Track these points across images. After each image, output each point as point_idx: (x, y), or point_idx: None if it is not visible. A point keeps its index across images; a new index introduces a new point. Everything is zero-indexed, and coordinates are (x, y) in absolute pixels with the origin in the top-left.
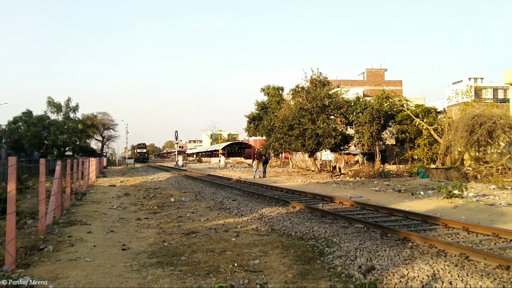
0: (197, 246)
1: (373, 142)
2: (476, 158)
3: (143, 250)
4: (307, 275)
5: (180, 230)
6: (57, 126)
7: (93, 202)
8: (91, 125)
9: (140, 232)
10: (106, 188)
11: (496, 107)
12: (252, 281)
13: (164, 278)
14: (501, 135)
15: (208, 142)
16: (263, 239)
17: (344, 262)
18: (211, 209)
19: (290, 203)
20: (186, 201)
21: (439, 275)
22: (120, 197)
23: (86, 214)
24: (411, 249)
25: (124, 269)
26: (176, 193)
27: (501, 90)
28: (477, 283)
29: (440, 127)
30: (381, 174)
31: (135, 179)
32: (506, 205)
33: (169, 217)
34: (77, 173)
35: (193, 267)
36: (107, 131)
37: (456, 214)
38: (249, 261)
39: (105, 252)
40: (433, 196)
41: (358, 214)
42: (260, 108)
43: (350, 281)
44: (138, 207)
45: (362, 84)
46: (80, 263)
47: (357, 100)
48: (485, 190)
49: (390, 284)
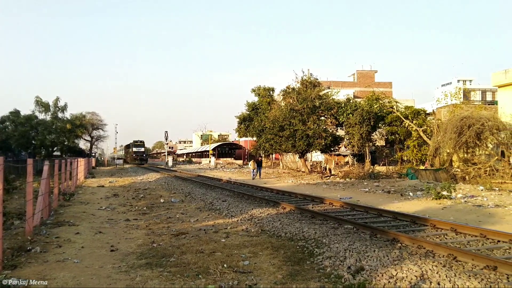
0: (187, 247)
1: (363, 143)
2: (464, 160)
3: (131, 251)
4: (297, 276)
5: (169, 231)
6: (45, 126)
7: (81, 203)
8: (79, 125)
9: (129, 233)
10: (94, 189)
11: (484, 109)
12: (242, 282)
13: (153, 280)
14: (489, 136)
15: (198, 142)
16: (253, 240)
17: (333, 263)
18: (201, 210)
19: (280, 204)
20: (176, 202)
21: (427, 276)
22: (108, 198)
23: (74, 215)
24: (400, 249)
25: (113, 270)
26: (166, 194)
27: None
28: (465, 284)
29: (429, 128)
30: (371, 175)
31: (124, 179)
32: (494, 206)
33: (159, 218)
34: (65, 174)
35: (183, 268)
36: (96, 131)
37: (444, 215)
38: (238, 262)
39: (93, 253)
40: (422, 197)
41: (348, 215)
42: (251, 109)
43: (339, 281)
44: (127, 208)
45: (352, 85)
46: (67, 264)
47: (348, 101)
48: (473, 191)
49: (379, 284)
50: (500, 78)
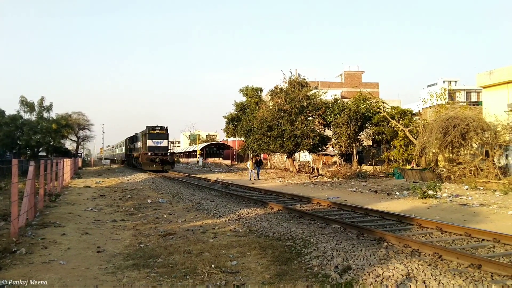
0: (174, 248)
1: (350, 143)
2: (449, 159)
3: (118, 252)
4: (284, 276)
5: (157, 232)
6: (31, 126)
7: (67, 204)
8: (65, 125)
9: (116, 234)
10: (81, 189)
11: (469, 110)
12: (230, 282)
13: (140, 281)
14: (473, 136)
15: (186, 142)
16: (241, 240)
17: (321, 262)
18: (189, 210)
19: (268, 204)
20: (163, 202)
21: (413, 274)
22: (95, 199)
23: (60, 216)
24: (387, 248)
25: (99, 271)
26: (153, 194)
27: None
28: (450, 282)
29: (415, 128)
30: (358, 175)
31: (111, 180)
32: (478, 205)
33: (146, 219)
34: (51, 174)
35: (170, 269)
36: (82, 131)
37: (430, 214)
38: (226, 262)
39: (79, 255)
40: (408, 197)
41: (335, 214)
42: (239, 109)
43: (326, 281)
44: (114, 209)
45: (340, 86)
46: (53, 266)
47: (335, 101)
48: (458, 191)
49: (366, 283)
50: (484, 79)
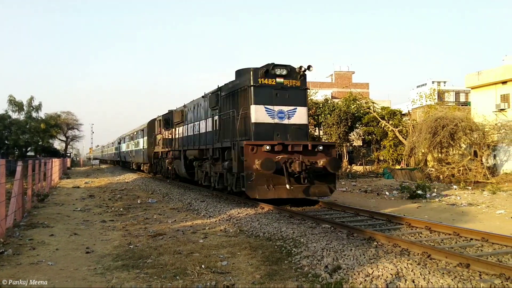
0: (164, 248)
1: (340, 143)
2: (438, 159)
3: (107, 253)
4: (275, 276)
5: (146, 232)
6: (19, 126)
7: (56, 204)
8: (54, 125)
9: (105, 235)
10: (69, 190)
11: (458, 110)
12: (220, 282)
13: (129, 281)
14: (462, 137)
15: None
16: (231, 240)
17: (311, 262)
18: (179, 210)
19: (258, 204)
20: (153, 202)
21: (402, 274)
22: (84, 199)
23: (49, 216)
24: (376, 248)
25: (88, 272)
26: (143, 194)
27: (463, 94)
28: (439, 281)
29: (404, 129)
30: (348, 174)
31: (100, 180)
32: (467, 205)
33: (135, 219)
34: (39, 174)
35: (160, 270)
36: (71, 131)
37: (419, 214)
38: (216, 262)
39: (68, 256)
40: (397, 196)
41: (326, 214)
42: None
43: (317, 280)
44: (103, 209)
45: (330, 86)
46: (42, 267)
47: (326, 102)
48: (447, 190)
49: (356, 283)
50: (473, 79)
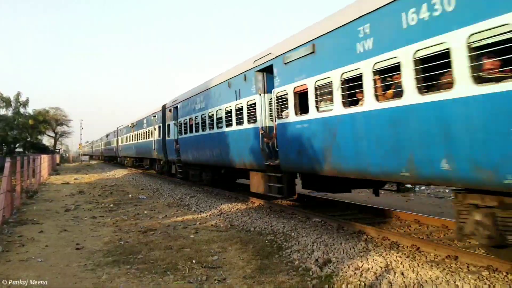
0: (155, 244)
1: None
2: None
3: (98, 249)
4: (266, 270)
5: (137, 228)
6: (7, 122)
7: (45, 201)
8: (43, 121)
9: (95, 231)
10: (59, 186)
11: None
12: (211, 277)
13: (120, 277)
14: None
15: None
16: (222, 235)
17: (301, 256)
18: (170, 206)
19: (249, 199)
20: (144, 198)
21: (391, 266)
22: (74, 195)
23: (38, 213)
24: (366, 241)
25: (78, 269)
26: (134, 190)
27: None
28: (427, 273)
29: None
30: None
31: (90, 176)
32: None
33: (126, 215)
34: (28, 171)
35: (151, 265)
36: (60, 127)
37: (408, 207)
38: (207, 257)
39: (58, 252)
40: (387, 190)
41: (316, 208)
42: None
43: (307, 274)
44: (93, 205)
45: None
46: (31, 264)
47: None
48: None
49: (346, 276)
50: None
